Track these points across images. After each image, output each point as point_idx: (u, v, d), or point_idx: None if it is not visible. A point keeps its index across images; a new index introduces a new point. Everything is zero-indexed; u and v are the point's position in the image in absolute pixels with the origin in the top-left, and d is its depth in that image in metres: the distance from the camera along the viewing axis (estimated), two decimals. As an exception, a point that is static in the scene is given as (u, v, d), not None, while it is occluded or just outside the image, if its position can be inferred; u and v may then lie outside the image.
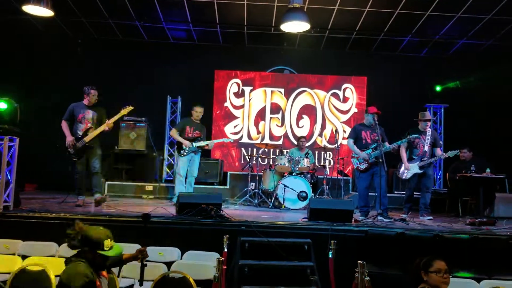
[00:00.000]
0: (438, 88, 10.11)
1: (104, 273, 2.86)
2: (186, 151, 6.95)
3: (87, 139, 6.00)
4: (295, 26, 6.81)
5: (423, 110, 10.02)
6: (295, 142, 9.22)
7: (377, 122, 6.08)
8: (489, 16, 8.07)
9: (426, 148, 6.48)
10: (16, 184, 5.27)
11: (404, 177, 6.61)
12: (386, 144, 6.16)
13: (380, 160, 5.80)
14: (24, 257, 4.07)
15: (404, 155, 6.55)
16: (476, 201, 7.17)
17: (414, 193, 6.69)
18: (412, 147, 6.58)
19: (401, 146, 6.41)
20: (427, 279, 2.78)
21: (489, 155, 7.71)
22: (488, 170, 6.86)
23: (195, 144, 6.98)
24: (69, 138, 6.01)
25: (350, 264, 3.64)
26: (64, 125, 6.11)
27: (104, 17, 8.89)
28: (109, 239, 2.78)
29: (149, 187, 8.66)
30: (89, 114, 6.18)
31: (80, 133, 6.06)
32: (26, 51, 9.50)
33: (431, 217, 6.37)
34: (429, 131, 6.56)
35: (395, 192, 8.64)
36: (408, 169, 6.47)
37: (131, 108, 6.24)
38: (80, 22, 9.16)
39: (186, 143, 6.94)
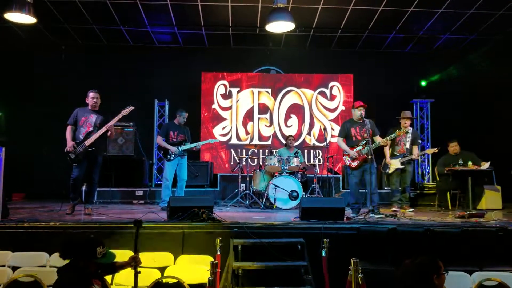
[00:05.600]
0: (423, 83, 10.21)
1: (97, 281, 2.84)
2: (173, 156, 6.92)
3: (87, 142, 5.77)
4: (280, 26, 6.81)
5: (409, 105, 10.24)
6: (284, 142, 9.23)
7: (364, 117, 6.15)
8: (470, 11, 8.18)
9: (408, 145, 6.95)
10: (3, 194, 5.17)
11: (386, 172, 7.01)
12: (378, 138, 6.23)
13: (370, 157, 5.86)
14: (14, 268, 4.01)
15: (387, 151, 6.94)
16: (465, 194, 7.27)
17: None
18: (394, 144, 7.01)
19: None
20: (438, 282, 2.63)
21: (476, 149, 7.81)
22: (469, 163, 7.02)
23: (181, 148, 6.96)
24: (69, 145, 5.76)
25: (343, 262, 3.65)
26: (68, 130, 5.86)
27: (87, 23, 8.81)
28: (100, 246, 2.75)
29: (139, 192, 8.61)
30: (93, 118, 5.94)
31: (81, 137, 5.83)
32: (9, 59, 9.37)
33: (412, 209, 6.88)
34: (410, 129, 7.00)
35: (385, 188, 8.69)
36: (389, 164, 6.86)
37: (132, 108, 6.02)
38: (64, 28, 9.08)
39: (173, 149, 6.91)
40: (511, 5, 7.84)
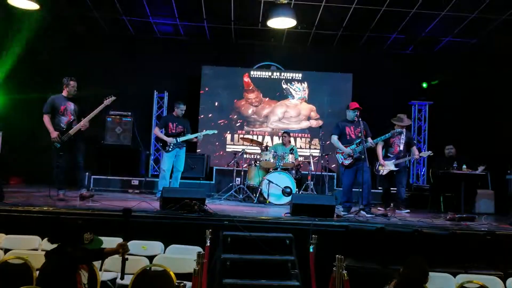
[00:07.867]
0: (424, 85, 10.22)
1: (84, 266, 2.88)
2: (171, 147, 6.96)
3: (72, 131, 5.86)
4: (281, 22, 6.86)
5: (408, 106, 10.26)
6: (281, 138, 9.24)
7: (360, 118, 6.17)
8: (472, 15, 8.18)
9: (402, 147, 6.91)
10: (-1, 177, 5.23)
11: (380, 173, 6.99)
12: (369, 139, 6.26)
13: (363, 156, 5.90)
14: (6, 250, 4.08)
15: (380, 152, 6.90)
16: (458, 197, 7.31)
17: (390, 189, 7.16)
18: (388, 146, 6.97)
19: (378, 144, 6.64)
20: None
21: (472, 152, 7.84)
22: (464, 166, 7.06)
23: (180, 139, 7.00)
24: (54, 134, 5.83)
25: (330, 258, 3.70)
26: (47, 119, 5.91)
27: (89, 11, 8.82)
28: (88, 232, 2.80)
29: (135, 181, 8.66)
30: (71, 106, 6.03)
31: (63, 125, 5.91)
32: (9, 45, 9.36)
33: (408, 210, 6.89)
34: (404, 130, 6.97)
35: (379, 188, 8.72)
36: (384, 166, 6.83)
37: (113, 98, 6.13)
38: (66, 15, 9.08)
39: (169, 140, 6.94)
40: (513, 11, 7.85)
